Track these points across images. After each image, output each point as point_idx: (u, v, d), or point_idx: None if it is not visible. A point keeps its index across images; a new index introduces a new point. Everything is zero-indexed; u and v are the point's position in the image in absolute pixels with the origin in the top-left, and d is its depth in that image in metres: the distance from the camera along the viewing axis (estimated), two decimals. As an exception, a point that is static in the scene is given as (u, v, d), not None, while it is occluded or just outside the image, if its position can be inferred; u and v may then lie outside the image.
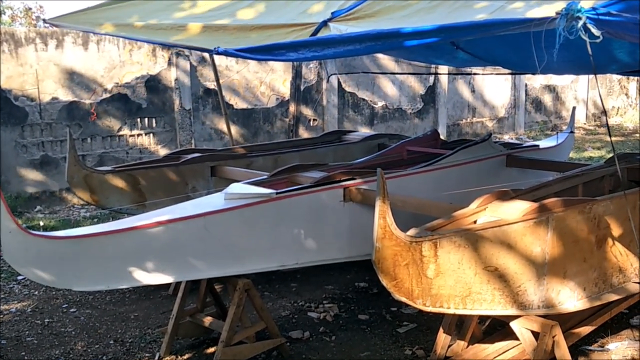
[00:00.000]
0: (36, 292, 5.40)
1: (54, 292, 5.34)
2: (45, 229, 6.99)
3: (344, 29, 3.50)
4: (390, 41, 2.98)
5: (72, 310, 5.03)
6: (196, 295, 4.40)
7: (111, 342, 4.46)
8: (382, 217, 2.86)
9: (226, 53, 3.19)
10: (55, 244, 3.31)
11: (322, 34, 3.62)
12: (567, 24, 2.25)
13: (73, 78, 8.33)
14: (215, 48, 3.21)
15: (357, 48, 3.08)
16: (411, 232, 3.03)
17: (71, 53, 8.29)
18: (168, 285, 5.22)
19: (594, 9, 2.25)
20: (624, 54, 4.62)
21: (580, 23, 2.22)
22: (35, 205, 8.13)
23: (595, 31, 2.21)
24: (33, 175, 8.13)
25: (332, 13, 3.75)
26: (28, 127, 8.03)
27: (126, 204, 5.15)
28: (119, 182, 5.11)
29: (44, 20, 5.11)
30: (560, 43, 2.28)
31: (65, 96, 8.28)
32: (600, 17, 2.24)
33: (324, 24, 3.69)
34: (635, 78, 16.63)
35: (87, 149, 8.48)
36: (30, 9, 16.35)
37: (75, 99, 8.35)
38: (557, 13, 2.30)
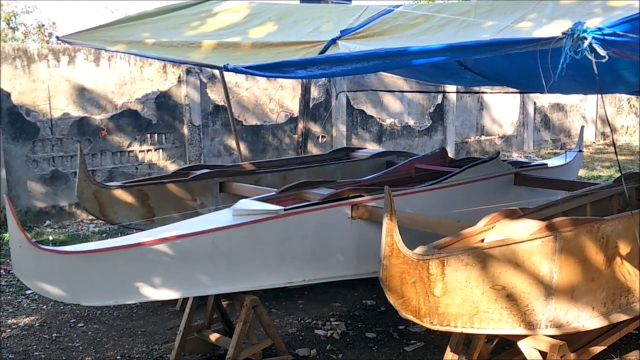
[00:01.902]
0: (44, 307, 5.42)
1: (62, 307, 5.36)
2: (54, 243, 7.02)
3: (353, 47, 3.54)
4: (398, 59, 3.01)
5: (79, 325, 5.04)
6: (203, 311, 4.41)
7: (118, 357, 4.46)
8: (390, 234, 2.87)
9: (236, 70, 3.23)
10: (64, 259, 3.33)
11: (331, 51, 3.66)
12: (573, 44, 2.27)
13: (84, 94, 8.42)
14: (225, 65, 3.25)
15: (365, 66, 3.11)
16: (419, 250, 3.03)
17: (83, 69, 8.39)
18: (175, 301, 5.22)
19: (599, 29, 2.27)
20: (630, 74, 4.63)
21: (587, 43, 2.24)
22: (45, 220, 8.18)
23: (601, 51, 2.23)
24: (43, 189, 8.19)
25: (341, 31, 3.79)
26: (39, 142, 8.11)
27: (135, 220, 5.17)
28: (128, 198, 5.14)
29: (57, 38, 5.19)
30: (567, 63, 2.30)
31: (76, 112, 8.36)
32: (606, 37, 2.26)
33: (333, 42, 3.73)
34: (645, 97, 16.61)
35: (97, 164, 8.55)
36: (43, 25, 16.57)
37: (86, 114, 8.44)
38: (563, 33, 2.32)
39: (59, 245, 3.86)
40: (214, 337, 4.23)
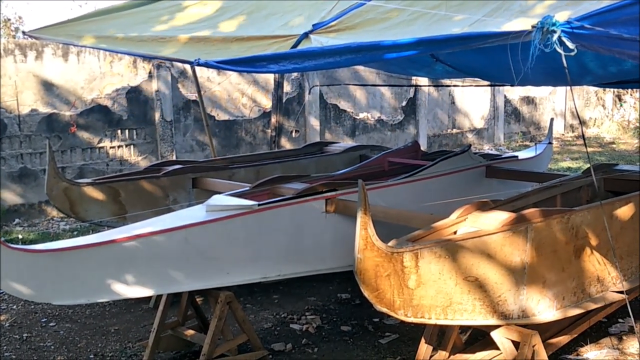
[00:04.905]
0: (14, 307, 5.32)
1: (32, 306, 5.28)
2: (24, 242, 6.91)
3: (325, 41, 3.53)
4: (370, 53, 3.01)
5: (51, 324, 4.96)
6: (177, 308, 4.38)
7: (91, 356, 4.41)
8: (364, 228, 2.88)
9: (207, 65, 3.20)
10: (34, 258, 3.28)
11: (303, 46, 3.64)
12: (542, 37, 2.29)
13: (53, 89, 8.27)
14: (196, 60, 3.21)
15: (337, 60, 3.10)
16: (392, 243, 3.05)
17: (51, 64, 8.24)
18: (149, 298, 5.18)
19: (568, 22, 2.30)
20: (596, 65, 4.71)
21: (555, 36, 2.26)
22: (14, 218, 8.03)
23: (569, 44, 2.26)
24: (12, 187, 8.03)
25: (313, 25, 3.77)
26: (7, 140, 7.95)
27: (106, 217, 5.11)
28: (99, 195, 5.07)
29: (24, 33, 5.08)
30: (537, 56, 2.33)
31: (45, 108, 8.21)
32: (575, 30, 2.29)
33: (305, 36, 3.71)
34: (611, 90, 16.93)
35: (66, 161, 8.41)
36: (9, 19, 16.21)
37: (55, 110, 8.29)
38: (532, 26, 2.34)
39: (29, 244, 3.80)
40: (188, 334, 4.21)
